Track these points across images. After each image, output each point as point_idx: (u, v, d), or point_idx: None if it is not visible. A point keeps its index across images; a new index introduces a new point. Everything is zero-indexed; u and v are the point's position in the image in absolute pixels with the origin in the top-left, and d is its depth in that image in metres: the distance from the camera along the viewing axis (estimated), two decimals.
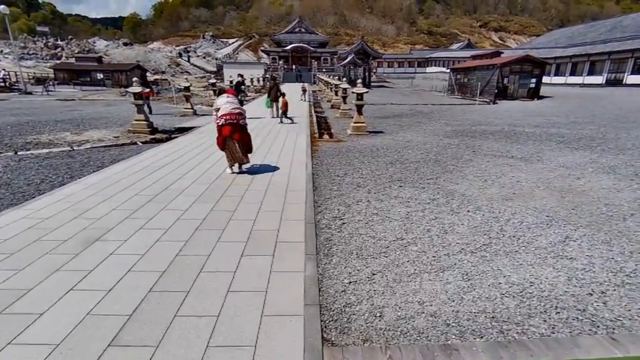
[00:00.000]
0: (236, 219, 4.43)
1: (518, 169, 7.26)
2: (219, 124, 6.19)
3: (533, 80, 27.17)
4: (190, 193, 5.47)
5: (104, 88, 42.99)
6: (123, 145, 10.40)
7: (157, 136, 11.93)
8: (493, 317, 2.64)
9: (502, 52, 33.89)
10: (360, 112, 11.96)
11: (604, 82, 33.30)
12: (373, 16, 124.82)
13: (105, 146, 10.02)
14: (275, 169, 6.95)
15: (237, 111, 6.19)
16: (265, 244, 3.73)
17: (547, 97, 27.39)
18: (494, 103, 25.05)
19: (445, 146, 9.74)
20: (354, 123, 11.96)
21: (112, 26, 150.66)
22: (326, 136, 12.37)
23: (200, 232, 4.05)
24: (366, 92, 11.77)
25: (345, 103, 16.56)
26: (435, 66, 76.56)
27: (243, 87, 15.62)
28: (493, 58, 31.37)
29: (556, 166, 7.47)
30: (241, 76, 15.71)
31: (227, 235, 3.97)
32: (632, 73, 30.58)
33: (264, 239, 3.85)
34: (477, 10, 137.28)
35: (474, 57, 35.40)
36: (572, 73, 37.57)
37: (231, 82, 15.18)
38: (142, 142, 10.82)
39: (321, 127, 14.44)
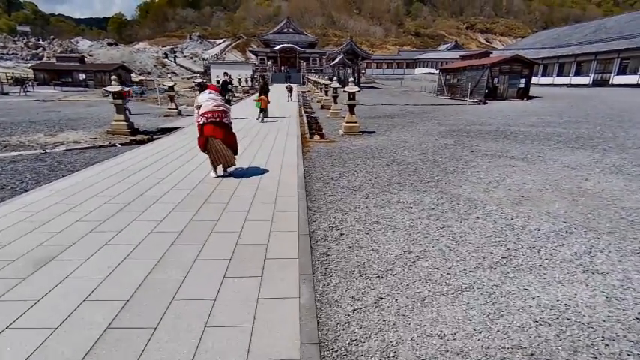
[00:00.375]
0: (219, 231, 3.87)
1: (521, 170, 6.86)
2: (201, 122, 5.61)
3: (523, 80, 27.20)
4: (168, 200, 4.88)
5: (87, 88, 41.64)
6: (100, 147, 9.70)
7: (138, 137, 11.24)
8: (532, 354, 2.16)
9: (491, 53, 33.98)
10: (352, 112, 11.49)
11: (591, 82, 33.67)
12: (361, 18, 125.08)
13: (80, 148, 9.30)
14: (264, 171, 6.39)
15: (221, 108, 5.62)
16: (252, 262, 3.18)
17: (536, 97, 27.44)
18: (484, 103, 24.94)
19: (442, 146, 9.33)
20: (347, 123, 11.49)
21: (96, 27, 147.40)
22: (317, 137, 11.85)
23: (176, 247, 3.48)
24: (358, 91, 11.31)
25: (335, 103, 16.08)
26: (423, 67, 76.93)
27: (230, 86, 14.96)
28: (482, 58, 31.37)
29: (560, 166, 7.11)
30: (227, 74, 15.06)
31: (207, 250, 3.41)
32: (618, 74, 30.97)
33: (250, 255, 3.30)
34: (463, 12, 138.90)
35: (463, 57, 35.41)
36: (559, 74, 37.94)
37: (217, 81, 14.56)
38: (121, 144, 10.13)
39: (312, 128, 13.92)
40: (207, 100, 5.60)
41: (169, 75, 66.70)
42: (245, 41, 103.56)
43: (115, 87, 11.25)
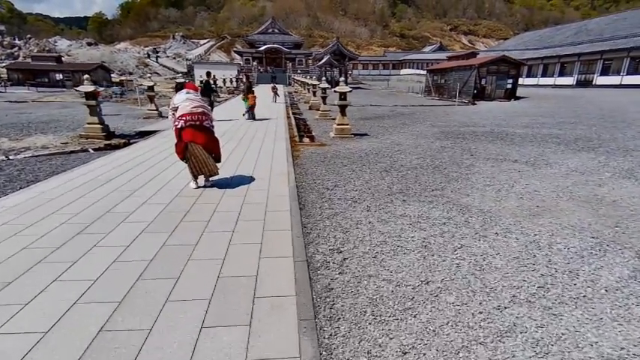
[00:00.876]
0: (197, 258, 3.21)
1: (528, 175, 6.41)
2: (178, 126, 4.92)
3: (510, 81, 27.24)
4: (140, 217, 4.19)
5: (64, 89, 39.90)
6: (71, 152, 8.86)
7: (114, 141, 10.40)
8: None
9: (477, 54, 34.07)
10: (343, 113, 10.92)
11: (574, 83, 34.11)
12: (347, 19, 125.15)
13: (48, 155, 8.45)
14: (251, 180, 5.73)
15: (201, 110, 4.94)
16: (237, 304, 2.54)
17: (523, 97, 27.52)
18: (473, 104, 24.82)
19: (439, 149, 8.86)
20: (338, 125, 10.91)
21: (76, 26, 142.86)
22: (307, 140, 11.24)
23: (143, 283, 2.81)
24: (350, 91, 10.76)
25: (324, 104, 15.51)
26: (409, 68, 77.23)
27: (214, 87, 14.15)
28: (469, 59, 31.37)
29: (567, 170, 6.70)
30: (210, 74, 14.27)
31: (181, 288, 2.75)
32: (601, 74, 31.44)
33: (235, 295, 2.66)
34: (446, 14, 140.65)
35: (450, 58, 35.42)
36: (544, 75, 38.38)
37: (201, 82, 13.78)
38: (94, 149, 9.30)
39: (301, 130, 13.31)
40: (185, 100, 4.92)
41: (149, 75, 65.02)
42: (230, 41, 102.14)
43: (87, 87, 10.40)
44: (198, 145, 4.94)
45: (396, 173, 6.50)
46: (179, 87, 5.32)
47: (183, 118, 4.85)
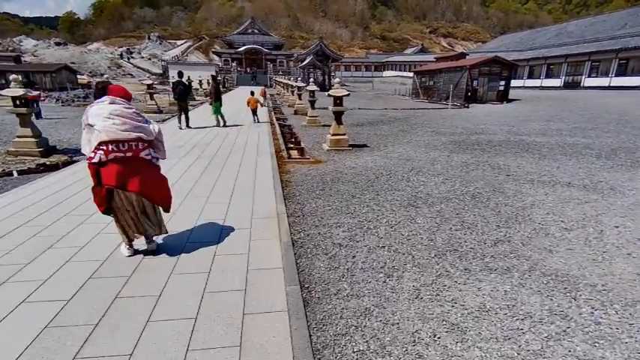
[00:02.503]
0: None
1: (603, 208, 4.74)
2: (94, 160, 2.89)
3: (502, 83, 26.19)
4: (32, 311, 2.19)
5: None
6: None
7: (52, 159, 8.22)
8: None
9: (467, 54, 33.06)
10: (339, 122, 9.08)
11: (562, 84, 33.58)
12: (327, 20, 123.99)
13: None
14: (222, 234, 3.76)
15: (135, 134, 2.94)
16: None
17: (515, 100, 26.53)
18: (466, 107, 23.55)
19: (461, 166, 7.15)
20: (333, 135, 9.07)
21: (47, 26, 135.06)
22: (296, 153, 9.34)
23: None
24: (347, 95, 8.94)
25: (313, 108, 13.64)
26: (392, 70, 76.66)
27: (190, 87, 11.83)
28: (459, 60, 30.26)
29: None
30: (182, 74, 12.16)
31: None
32: (589, 76, 30.94)
33: None
34: (426, 16, 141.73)
35: (438, 59, 34.29)
36: (530, 76, 37.82)
37: (173, 83, 11.62)
38: (20, 172, 7.12)
39: (287, 139, 11.40)
40: (108, 117, 2.90)
41: (126, 77, 61.64)
42: (208, 42, 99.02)
43: (14, 90, 8.16)
44: (132, 193, 2.95)
45: (426, 209, 4.69)
46: (99, 92, 3.27)
47: (104, 147, 2.84)
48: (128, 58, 70.96)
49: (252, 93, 16.93)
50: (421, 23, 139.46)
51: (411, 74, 64.39)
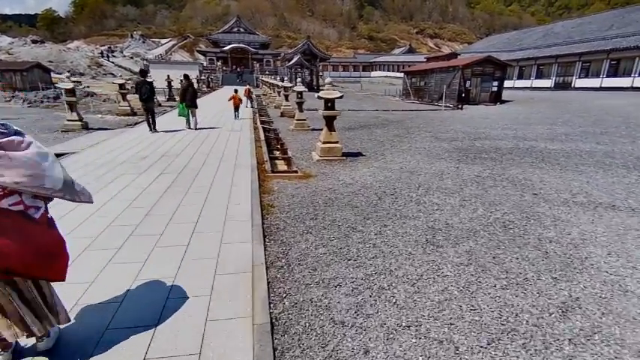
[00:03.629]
0: None
1: None
2: None
3: (495, 83, 25.49)
4: None
5: None
6: None
7: None
8: None
9: (459, 54, 32.35)
10: (331, 128, 7.91)
11: (552, 85, 33.21)
12: (314, 20, 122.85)
13: None
14: (163, 312, 2.51)
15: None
16: None
17: (508, 101, 25.88)
18: (460, 109, 22.72)
19: (475, 182, 6.07)
20: (324, 143, 7.89)
21: (27, 23, 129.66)
22: (282, 163, 8.14)
23: None
24: (340, 97, 7.77)
25: (301, 111, 12.44)
26: (380, 70, 76.10)
27: (148, 88, 10.24)
28: (450, 60, 29.50)
29: None
30: (144, 72, 10.75)
31: None
32: (580, 77, 30.61)
33: None
34: (412, 17, 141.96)
35: (428, 59, 33.52)
36: (520, 77, 37.43)
37: (136, 84, 10.20)
38: None
39: (272, 147, 10.18)
40: None
41: (107, 77, 59.30)
42: (193, 41, 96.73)
43: None
44: None
45: (452, 250, 3.56)
46: None
47: None
48: (108, 57, 68.38)
49: (236, 91, 15.79)
50: (408, 24, 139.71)
51: (399, 74, 63.82)
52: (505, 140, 10.28)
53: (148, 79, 10.55)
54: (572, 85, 31.41)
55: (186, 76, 11.53)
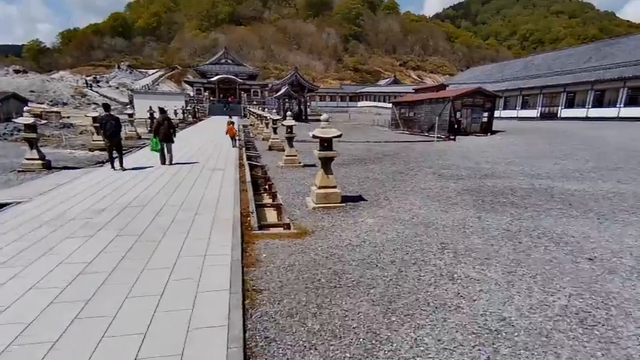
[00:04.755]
0: None
1: None
2: None
3: (485, 114, 25.32)
4: None
5: None
6: None
7: None
8: None
9: (447, 85, 32.52)
10: (328, 171, 6.80)
11: (538, 115, 33.55)
12: (301, 52, 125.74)
13: None
14: None
15: None
16: None
17: (498, 131, 25.64)
18: (452, 140, 22.20)
19: (509, 241, 4.97)
20: (320, 189, 6.74)
21: (13, 54, 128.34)
22: (271, 212, 6.93)
23: None
24: (339, 136, 6.73)
25: (290, 146, 11.39)
26: (366, 100, 77.17)
27: (113, 123, 9.04)
28: (439, 91, 29.48)
29: None
30: (107, 107, 9.62)
31: None
32: (565, 107, 30.97)
33: None
34: (396, 50, 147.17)
35: (417, 90, 33.59)
36: (505, 107, 37.91)
37: (101, 120, 9.03)
38: None
39: (260, 189, 8.98)
40: None
41: (91, 106, 57.85)
42: (180, 72, 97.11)
43: None
44: None
45: None
46: None
47: None
48: (91, 86, 67.35)
49: (232, 123, 15.04)
50: (391, 56, 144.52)
51: (386, 104, 64.53)
52: (516, 179, 9.37)
53: (114, 113, 9.41)
54: (558, 115, 31.73)
55: (161, 110, 10.43)
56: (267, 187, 9.28)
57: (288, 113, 11.65)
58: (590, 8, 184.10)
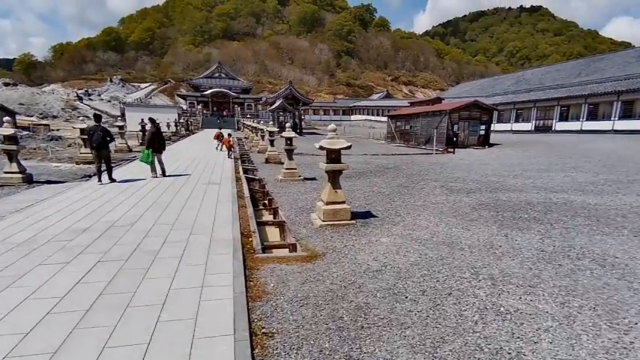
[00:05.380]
0: None
1: None
2: None
3: (483, 127, 25.16)
4: None
5: None
6: None
7: None
8: None
9: (443, 99, 32.51)
10: (336, 185, 6.21)
11: (533, 128, 33.65)
12: (294, 67, 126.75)
13: None
14: None
15: None
16: None
17: (496, 144, 25.47)
18: (451, 152, 21.89)
19: (549, 263, 4.40)
20: (328, 204, 6.13)
21: (5, 67, 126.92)
22: (272, 230, 6.29)
23: None
24: (348, 147, 6.17)
25: (290, 159, 10.81)
26: (360, 114, 77.59)
27: (101, 135, 8.54)
28: (435, 104, 29.40)
29: None
30: (98, 117, 8.96)
31: None
32: (560, 120, 31.11)
33: None
34: (387, 66, 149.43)
35: (412, 103, 33.52)
36: (500, 121, 38.05)
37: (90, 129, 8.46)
38: None
39: (259, 203, 8.35)
40: None
41: (80, 119, 56.83)
42: (173, 85, 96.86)
43: None
44: None
45: None
46: None
47: None
48: (81, 99, 66.48)
49: (230, 135, 14.55)
50: (383, 72, 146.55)
51: (379, 118, 64.69)
52: (530, 192, 8.88)
53: (103, 124, 8.75)
54: (553, 128, 31.83)
55: (151, 120, 9.80)
56: (266, 202, 8.65)
57: (288, 124, 11.12)
58: (574, 26, 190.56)
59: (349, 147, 6.08)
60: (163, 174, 9.77)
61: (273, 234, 6.48)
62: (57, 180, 10.15)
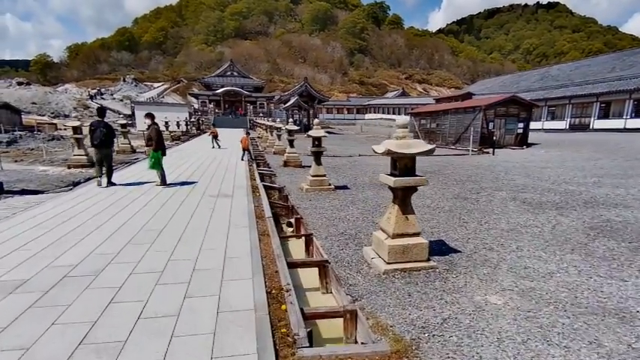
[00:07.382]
0: None
1: None
2: None
3: (521, 125, 22.72)
4: None
5: None
6: None
7: None
8: None
9: (474, 94, 30.05)
10: (406, 209, 4.15)
11: (567, 126, 30.88)
12: (307, 65, 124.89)
13: None
14: None
15: None
16: None
17: (534, 144, 23.00)
18: (487, 153, 19.56)
19: None
20: (395, 238, 4.06)
21: (23, 68, 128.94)
22: (307, 275, 4.27)
23: None
24: (430, 151, 4.10)
25: (318, 163, 8.75)
26: (374, 113, 75.09)
27: (103, 131, 7.00)
28: (465, 100, 27.01)
29: None
30: (102, 112, 7.26)
31: None
32: (599, 118, 28.33)
33: None
34: (401, 64, 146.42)
35: (438, 100, 31.16)
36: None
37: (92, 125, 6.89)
38: None
39: (280, 220, 6.35)
40: None
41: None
42: (186, 85, 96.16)
43: None
44: None
45: None
46: None
47: None
48: (92, 98, 66.02)
49: (248, 134, 12.72)
50: (397, 70, 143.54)
51: (396, 117, 62.19)
52: (621, 209, 6.64)
53: (107, 121, 6.99)
54: (591, 126, 29.02)
55: (149, 115, 7.89)
56: (292, 220, 6.62)
57: (316, 121, 9.08)
58: (594, 23, 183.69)
59: (432, 151, 4.00)
60: (163, 183, 7.88)
61: (308, 278, 4.44)
62: (35, 189, 8.33)
